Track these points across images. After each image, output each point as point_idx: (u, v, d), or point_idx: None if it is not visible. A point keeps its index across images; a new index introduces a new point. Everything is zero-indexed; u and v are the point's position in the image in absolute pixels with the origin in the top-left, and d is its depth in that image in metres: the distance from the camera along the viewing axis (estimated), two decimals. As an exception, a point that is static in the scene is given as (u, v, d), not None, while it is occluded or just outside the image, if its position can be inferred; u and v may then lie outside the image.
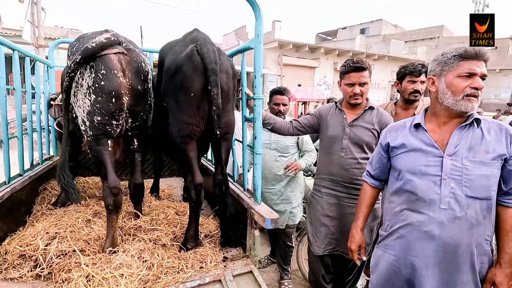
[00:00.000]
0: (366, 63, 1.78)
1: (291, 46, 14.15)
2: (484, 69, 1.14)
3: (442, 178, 1.17)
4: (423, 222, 1.19)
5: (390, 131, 1.40)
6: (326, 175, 1.91)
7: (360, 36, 21.60)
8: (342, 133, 1.84)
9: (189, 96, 1.51)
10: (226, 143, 1.71)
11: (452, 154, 1.17)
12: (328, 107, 1.99)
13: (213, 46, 1.52)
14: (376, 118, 1.83)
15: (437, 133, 1.24)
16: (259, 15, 1.59)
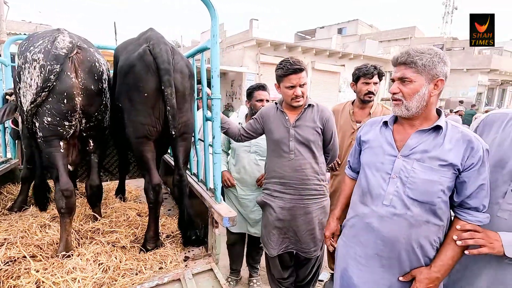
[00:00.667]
0: (302, 63, 1.77)
1: (269, 44, 14.23)
2: (400, 73, 1.18)
3: (391, 176, 1.21)
4: (367, 214, 1.27)
5: (366, 125, 1.44)
6: (277, 179, 1.87)
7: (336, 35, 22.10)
8: (287, 135, 1.81)
9: (143, 96, 1.50)
10: (184, 142, 1.71)
11: (406, 156, 1.19)
12: (269, 109, 1.95)
13: (166, 46, 1.52)
14: (317, 115, 1.83)
15: (401, 134, 1.26)
16: (214, 15, 1.60)
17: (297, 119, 1.82)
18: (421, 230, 1.17)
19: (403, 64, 1.18)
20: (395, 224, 1.19)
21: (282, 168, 1.84)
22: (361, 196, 1.33)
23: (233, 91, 15.69)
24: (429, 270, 1.17)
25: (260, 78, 14.51)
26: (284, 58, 1.82)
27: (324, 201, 1.90)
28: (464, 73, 24.39)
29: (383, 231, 1.21)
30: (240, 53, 14.44)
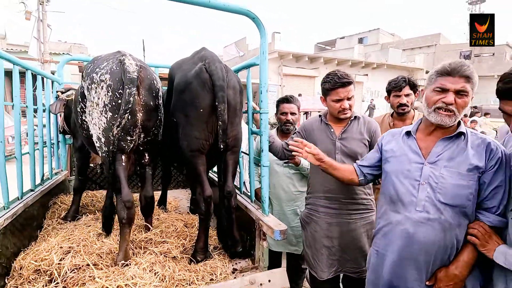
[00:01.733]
0: (350, 76, 1.76)
1: (291, 56, 14.41)
2: (460, 85, 1.19)
3: (420, 183, 1.26)
4: (401, 221, 1.30)
5: (388, 135, 1.51)
6: (322, 193, 1.83)
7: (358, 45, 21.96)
8: (333, 147, 1.78)
9: (199, 112, 1.57)
10: (234, 156, 1.76)
11: (432, 162, 1.27)
12: (312, 122, 1.93)
13: (221, 64, 1.60)
14: (364, 127, 1.81)
15: (424, 142, 1.34)
16: (264, 34, 1.67)
17: (343, 131, 1.80)
18: (454, 232, 1.22)
19: (464, 77, 1.20)
20: (430, 228, 1.23)
21: (328, 182, 1.79)
22: (392, 205, 1.36)
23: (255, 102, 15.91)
24: (448, 268, 1.22)
25: (283, 90, 14.63)
26: (331, 71, 1.82)
27: (371, 215, 1.85)
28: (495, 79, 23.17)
29: (419, 236, 1.24)
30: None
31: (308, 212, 1.93)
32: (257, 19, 1.66)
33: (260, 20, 1.67)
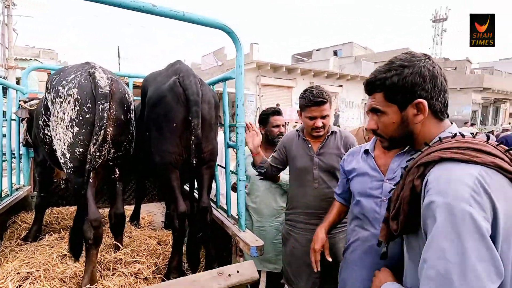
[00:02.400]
0: (326, 95, 1.74)
1: (268, 67, 14.63)
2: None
3: (381, 199, 1.29)
4: (368, 238, 1.32)
5: (348, 155, 1.54)
6: (301, 209, 1.82)
7: (334, 57, 22.78)
8: (311, 163, 1.79)
9: (172, 126, 1.53)
10: (209, 170, 1.73)
11: (391, 179, 1.29)
12: (291, 137, 1.93)
13: (196, 78, 1.57)
14: (341, 142, 1.82)
15: (382, 159, 1.37)
16: (239, 48, 1.67)
17: (321, 146, 1.81)
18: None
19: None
20: (393, 244, 1.22)
21: (306, 197, 1.79)
22: (359, 221, 1.39)
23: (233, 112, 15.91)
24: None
25: (261, 100, 14.77)
26: (309, 86, 1.83)
27: None
28: (458, 92, 24.98)
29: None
30: (240, 76, 14.79)
31: (287, 228, 1.90)
32: (233, 34, 1.66)
33: (236, 34, 1.67)
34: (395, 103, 0.82)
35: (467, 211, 0.60)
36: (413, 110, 0.81)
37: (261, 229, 2.26)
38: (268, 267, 2.29)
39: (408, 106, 0.81)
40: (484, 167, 0.66)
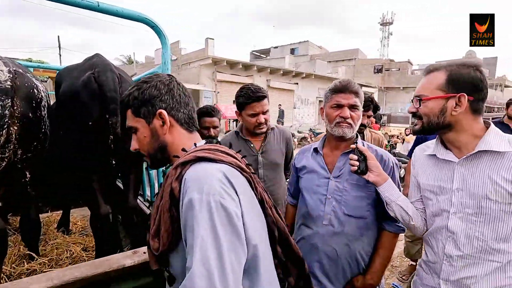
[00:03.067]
0: (264, 90, 1.73)
1: (225, 63, 14.50)
2: (352, 100, 1.30)
3: (327, 197, 1.32)
4: (311, 236, 1.34)
5: (299, 154, 1.55)
6: None
7: (289, 55, 23.38)
8: (256, 163, 1.75)
9: (88, 125, 1.43)
10: (135, 170, 1.66)
11: (337, 177, 1.32)
12: (230, 139, 1.84)
13: (113, 73, 1.48)
14: (280, 137, 1.84)
15: (330, 157, 1.40)
16: (165, 44, 1.62)
17: (264, 145, 1.78)
18: (358, 243, 1.29)
19: (354, 93, 1.32)
20: (335, 242, 1.29)
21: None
22: (304, 220, 1.40)
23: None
24: (364, 278, 1.29)
25: (217, 96, 14.62)
26: (244, 85, 1.80)
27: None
28: (401, 90, 27.38)
29: (326, 250, 1.30)
30: (196, 71, 14.45)
31: None
32: (157, 27, 1.59)
33: (160, 28, 1.61)
34: (141, 117, 0.87)
35: (220, 202, 0.67)
36: (159, 121, 0.86)
37: None
38: None
39: (153, 118, 0.86)
40: (228, 165, 0.78)
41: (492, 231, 0.96)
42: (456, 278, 1.02)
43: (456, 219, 1.02)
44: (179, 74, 15.77)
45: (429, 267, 1.14)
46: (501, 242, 0.96)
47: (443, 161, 1.08)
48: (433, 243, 1.11)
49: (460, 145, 1.04)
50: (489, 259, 0.98)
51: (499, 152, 0.96)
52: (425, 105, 1.04)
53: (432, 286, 1.11)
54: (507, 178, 0.93)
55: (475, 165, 1.00)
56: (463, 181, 1.01)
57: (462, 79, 0.99)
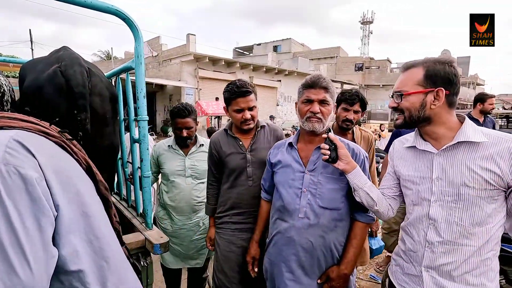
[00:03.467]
0: (249, 86, 1.68)
1: (207, 59, 14.32)
2: (321, 95, 1.33)
3: (302, 190, 1.34)
4: (287, 230, 1.36)
5: (274, 149, 1.56)
6: (236, 210, 1.72)
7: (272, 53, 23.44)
8: (245, 161, 1.69)
9: (54, 122, 1.36)
10: (108, 168, 1.60)
11: (311, 170, 1.36)
12: (219, 137, 1.80)
13: (81, 67, 1.41)
14: (271, 135, 1.78)
15: (304, 151, 1.43)
16: (138, 36, 1.57)
17: (252, 142, 1.72)
18: (332, 234, 1.33)
19: (323, 88, 1.34)
20: (311, 234, 1.32)
21: (240, 197, 1.71)
22: (280, 214, 1.42)
23: (171, 105, 15.23)
24: (338, 268, 1.33)
25: (200, 93, 14.43)
26: (232, 80, 1.76)
27: None
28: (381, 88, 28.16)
29: (302, 242, 1.32)
30: (177, 67, 14.20)
31: (220, 233, 1.78)
32: (129, 20, 1.54)
33: (133, 21, 1.57)
34: None
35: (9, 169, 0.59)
36: None
37: (182, 228, 2.17)
38: (190, 263, 2.25)
39: None
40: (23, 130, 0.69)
41: (469, 216, 1.03)
42: (438, 264, 1.08)
43: (436, 207, 1.08)
44: (160, 70, 15.42)
45: (409, 256, 1.18)
46: (476, 226, 1.02)
47: (423, 152, 1.14)
48: (413, 232, 1.16)
49: (437, 137, 1.10)
50: (466, 244, 1.04)
51: (475, 142, 1.02)
52: (406, 100, 1.09)
53: (414, 274, 1.15)
54: (483, 166, 0.99)
55: (453, 155, 1.06)
56: (442, 171, 1.07)
57: (439, 74, 1.05)
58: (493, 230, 1.02)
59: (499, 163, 0.97)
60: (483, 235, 1.02)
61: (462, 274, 1.05)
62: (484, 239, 1.02)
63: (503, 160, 0.97)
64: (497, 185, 0.99)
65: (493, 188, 0.99)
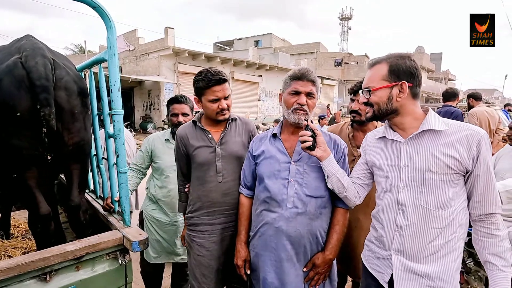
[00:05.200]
0: (224, 73, 1.61)
1: (186, 54, 14.02)
2: (309, 88, 1.36)
3: (289, 181, 1.36)
4: (275, 219, 1.37)
5: (256, 141, 1.55)
6: (205, 209, 1.60)
7: (253, 48, 23.34)
8: (213, 155, 1.58)
9: (16, 117, 1.27)
10: (78, 165, 1.53)
11: (297, 160, 1.38)
12: (186, 129, 1.67)
13: (45, 58, 1.32)
14: (242, 128, 1.70)
15: (288, 142, 1.45)
16: (110, 26, 1.50)
17: (223, 135, 1.62)
18: (318, 221, 1.37)
19: (311, 81, 1.37)
20: (299, 222, 1.35)
21: (210, 195, 1.59)
22: (266, 205, 1.42)
23: (150, 101, 14.83)
24: (323, 254, 1.37)
25: (179, 88, 14.14)
26: (202, 69, 1.66)
27: None
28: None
29: (290, 231, 1.34)
30: (156, 62, 13.80)
31: (190, 234, 1.66)
32: (100, 8, 1.47)
33: (104, 9, 1.49)
34: None
35: None
36: None
37: (174, 224, 2.14)
38: (175, 259, 2.22)
39: None
40: None
41: (434, 200, 1.10)
42: (405, 247, 1.14)
43: (405, 192, 1.15)
44: (137, 65, 14.93)
45: (380, 241, 1.25)
46: (440, 209, 1.09)
47: (391, 142, 1.21)
48: (384, 218, 1.23)
49: (404, 127, 1.17)
50: (432, 226, 1.10)
51: (438, 130, 1.10)
52: (374, 95, 1.17)
53: (384, 258, 1.22)
54: (444, 152, 1.07)
55: (418, 143, 1.13)
56: (409, 158, 1.14)
57: (401, 68, 1.12)
58: (455, 213, 1.10)
59: (459, 149, 1.06)
60: (446, 217, 1.09)
61: (427, 256, 1.11)
62: (447, 221, 1.09)
63: (462, 146, 1.06)
64: (457, 170, 1.07)
65: (453, 173, 1.08)
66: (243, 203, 1.56)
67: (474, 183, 1.08)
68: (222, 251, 1.61)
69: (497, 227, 1.06)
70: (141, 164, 2.17)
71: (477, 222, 1.10)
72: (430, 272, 1.10)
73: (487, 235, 1.08)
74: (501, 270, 1.04)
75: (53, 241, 1.53)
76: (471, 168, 1.06)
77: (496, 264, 1.05)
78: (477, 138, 1.04)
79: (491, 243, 1.07)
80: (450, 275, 1.10)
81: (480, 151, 1.04)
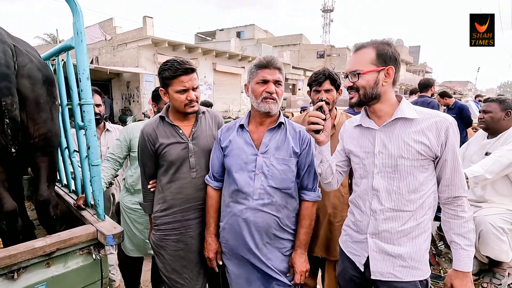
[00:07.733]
0: (193, 63, 1.54)
1: (166, 44, 13.61)
2: (276, 76, 1.35)
3: (255, 173, 1.36)
4: (242, 211, 1.38)
5: (223, 131, 1.52)
6: (178, 207, 1.55)
7: (235, 39, 23.00)
8: (186, 151, 1.53)
9: None
10: (46, 157, 1.46)
11: (264, 153, 1.38)
12: (153, 126, 1.58)
13: (4, 45, 1.23)
14: (212, 121, 1.67)
15: (256, 133, 1.44)
16: (76, 11, 1.42)
17: (194, 130, 1.57)
18: (284, 211, 1.40)
19: (277, 69, 1.36)
20: (265, 213, 1.36)
21: (184, 192, 1.54)
22: (234, 197, 1.42)
23: (130, 93, 14.35)
24: (296, 252, 1.41)
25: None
26: (168, 59, 1.58)
27: None
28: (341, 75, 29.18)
29: (258, 222, 1.36)
30: (134, 52, 13.34)
31: (161, 235, 1.59)
32: (64, -9, 1.38)
33: (69, -7, 1.40)
34: None
35: None
36: None
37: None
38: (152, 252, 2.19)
39: None
40: None
41: (405, 185, 1.14)
42: (380, 230, 1.18)
43: (379, 178, 1.18)
44: (114, 55, 14.36)
45: (356, 226, 1.29)
46: (412, 193, 1.14)
47: (367, 129, 1.24)
48: (361, 203, 1.26)
49: (381, 114, 1.19)
50: (404, 209, 1.15)
51: (409, 119, 1.13)
52: (362, 78, 1.15)
53: (360, 241, 1.26)
54: (415, 139, 1.11)
55: (391, 131, 1.16)
56: (383, 145, 1.17)
57: (388, 53, 1.13)
58: (425, 196, 1.15)
59: (429, 136, 1.10)
60: (417, 201, 1.14)
61: (400, 238, 1.17)
62: (418, 204, 1.14)
63: (431, 133, 1.10)
64: (427, 155, 1.12)
65: (423, 158, 1.12)
66: (212, 195, 1.53)
67: (443, 167, 1.12)
68: (200, 245, 1.60)
69: (463, 209, 1.12)
70: (118, 154, 2.10)
71: (445, 204, 1.16)
72: (403, 253, 1.15)
73: (453, 216, 1.13)
74: (464, 249, 1.10)
75: (22, 238, 1.47)
76: (439, 153, 1.10)
77: (460, 243, 1.11)
78: (446, 125, 1.08)
79: (457, 224, 1.12)
80: (421, 254, 1.16)
81: (448, 137, 1.08)
